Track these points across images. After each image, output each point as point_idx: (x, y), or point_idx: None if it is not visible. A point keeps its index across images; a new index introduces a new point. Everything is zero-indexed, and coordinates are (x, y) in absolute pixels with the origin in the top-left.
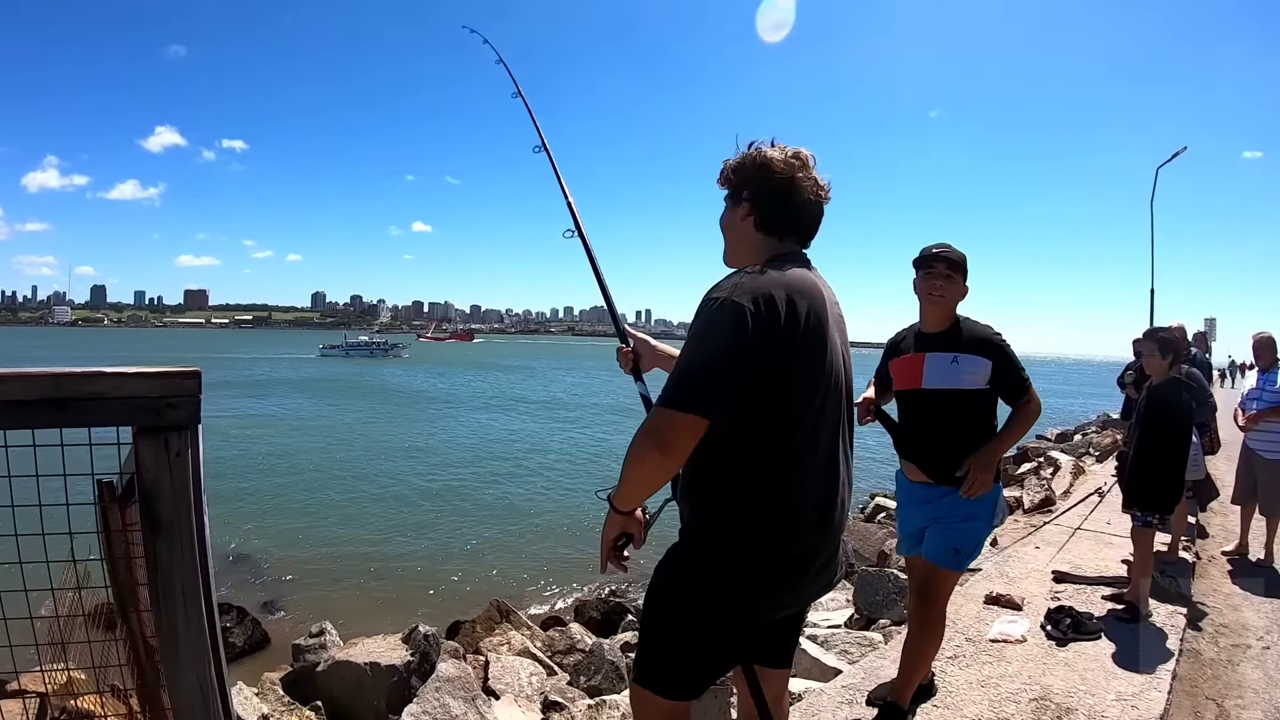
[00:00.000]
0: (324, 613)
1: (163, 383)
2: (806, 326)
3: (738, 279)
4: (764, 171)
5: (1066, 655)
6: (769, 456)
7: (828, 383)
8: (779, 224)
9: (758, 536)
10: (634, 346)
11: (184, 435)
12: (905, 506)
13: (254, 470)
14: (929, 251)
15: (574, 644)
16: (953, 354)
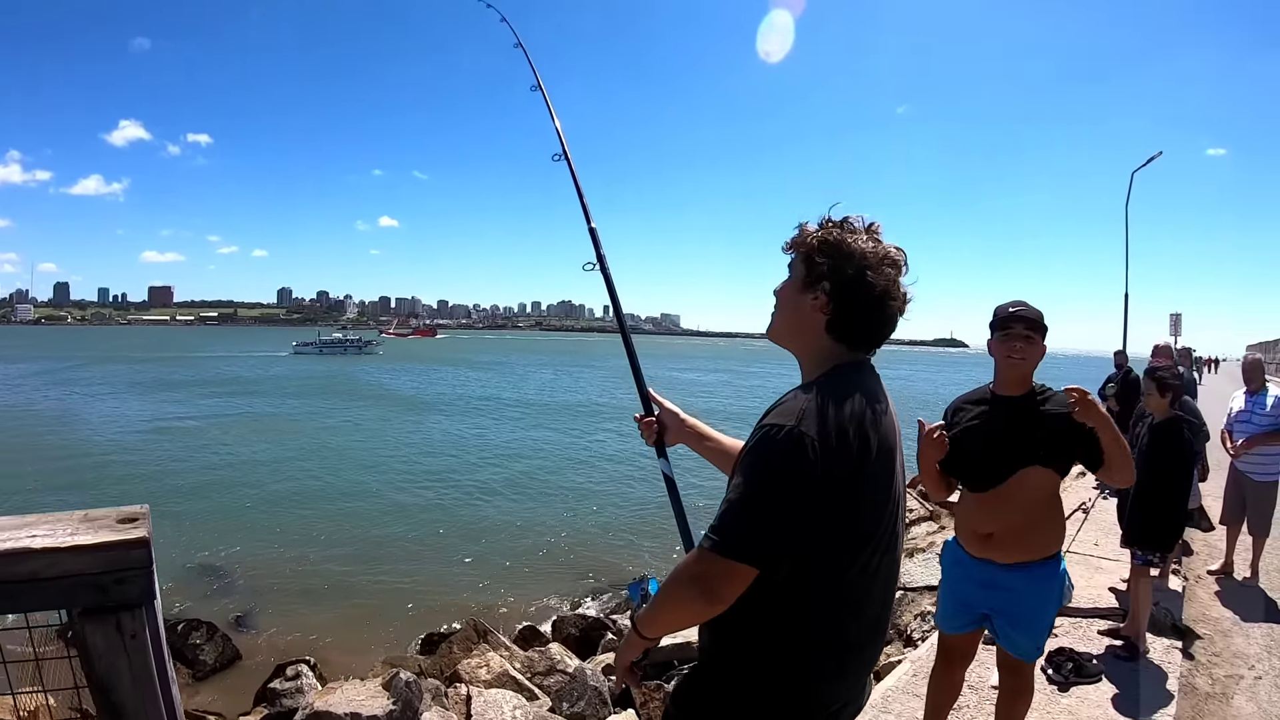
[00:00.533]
0: (295, 628)
1: (106, 556)
2: (877, 463)
3: (805, 404)
4: (857, 272)
5: (1069, 701)
6: (819, 599)
7: (889, 519)
8: (854, 334)
9: (792, 679)
10: (659, 416)
11: (138, 614)
12: (963, 582)
13: (224, 475)
14: (1006, 311)
15: (554, 665)
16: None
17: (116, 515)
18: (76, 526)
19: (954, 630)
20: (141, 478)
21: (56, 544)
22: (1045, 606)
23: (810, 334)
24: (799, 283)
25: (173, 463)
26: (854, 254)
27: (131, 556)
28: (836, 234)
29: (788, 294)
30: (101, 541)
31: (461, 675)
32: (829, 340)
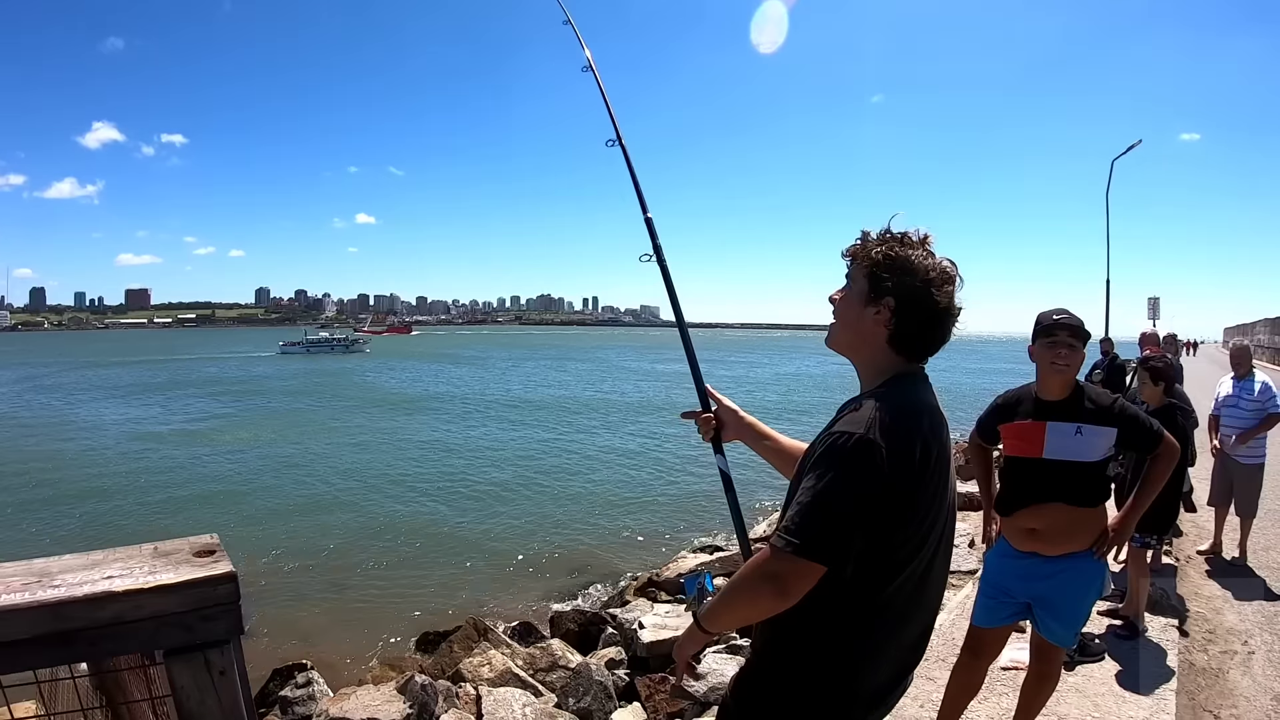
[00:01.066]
0: (288, 631)
1: (193, 594)
2: (935, 471)
3: (872, 413)
4: (922, 288)
5: (1076, 680)
6: (877, 598)
7: (944, 524)
8: (914, 347)
9: (846, 673)
10: (717, 412)
11: (226, 651)
12: (1007, 576)
13: (214, 478)
14: (1050, 319)
15: (556, 661)
16: (1076, 424)
17: (190, 548)
18: (152, 563)
19: (992, 624)
20: (131, 488)
21: (140, 585)
22: (1086, 595)
23: (871, 345)
24: (862, 296)
25: (166, 468)
26: (917, 271)
27: (219, 593)
28: (900, 250)
29: (850, 306)
30: (187, 579)
31: (464, 674)
32: (889, 352)
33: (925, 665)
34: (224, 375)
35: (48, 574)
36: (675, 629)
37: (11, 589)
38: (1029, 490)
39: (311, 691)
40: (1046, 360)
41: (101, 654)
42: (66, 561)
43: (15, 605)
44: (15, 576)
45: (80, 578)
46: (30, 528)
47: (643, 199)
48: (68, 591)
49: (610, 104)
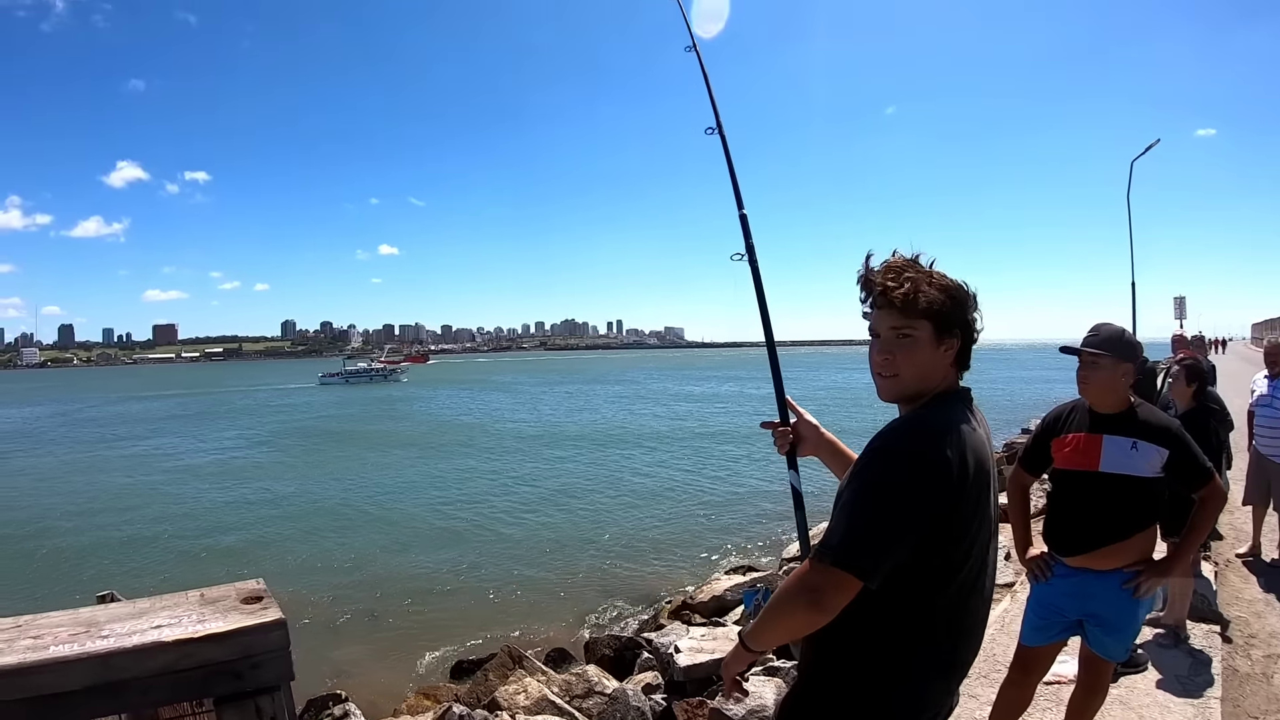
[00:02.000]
0: (321, 661)
1: (243, 642)
2: (976, 484)
3: (914, 429)
4: (968, 305)
5: (1119, 691)
6: (916, 617)
7: (986, 537)
8: (968, 358)
9: (884, 695)
10: (795, 425)
11: (276, 697)
12: (1057, 594)
13: (256, 505)
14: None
15: (591, 687)
16: (1132, 439)
17: (237, 594)
18: (201, 611)
19: (1042, 642)
20: (173, 524)
21: (189, 635)
22: (1139, 609)
23: (940, 374)
24: (931, 340)
25: (206, 503)
26: (959, 295)
27: (269, 640)
28: (943, 282)
29: (920, 353)
30: (237, 628)
31: (500, 703)
32: (953, 372)
33: (967, 683)
34: (270, 404)
35: (95, 624)
36: (712, 652)
37: (60, 640)
38: (1084, 508)
39: None
40: (1078, 380)
41: (151, 703)
42: (114, 610)
43: (65, 657)
44: (63, 627)
45: (129, 627)
46: (72, 571)
47: (739, 193)
48: (117, 642)
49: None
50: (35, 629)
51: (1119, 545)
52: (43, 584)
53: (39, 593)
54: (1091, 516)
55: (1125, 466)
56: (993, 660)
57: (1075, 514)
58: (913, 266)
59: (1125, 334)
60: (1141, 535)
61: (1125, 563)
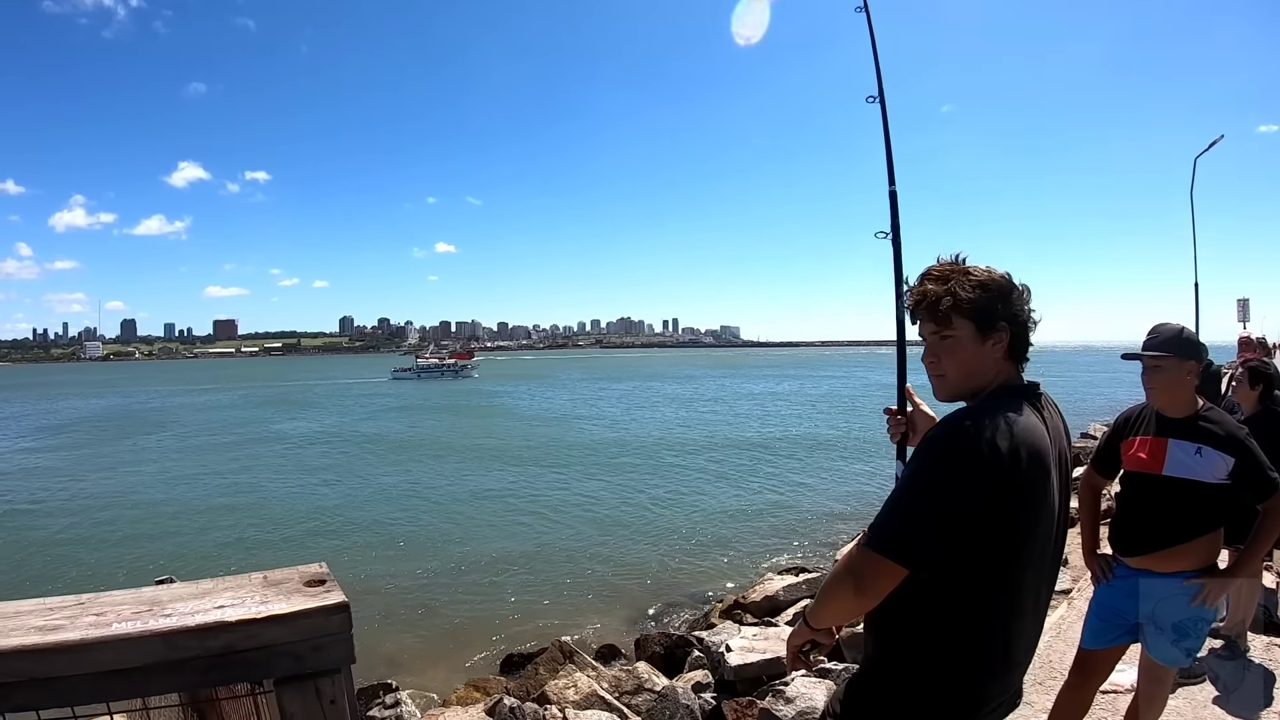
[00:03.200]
0: (374, 651)
1: (304, 624)
2: (1033, 481)
3: (967, 421)
4: (1015, 301)
5: (1176, 703)
6: (969, 611)
7: (1045, 537)
8: (1023, 351)
9: (940, 687)
10: (911, 415)
11: (336, 680)
12: (1118, 596)
13: (322, 495)
14: (1144, 345)
15: (641, 684)
16: (1197, 445)
17: (300, 577)
18: (264, 593)
19: (1103, 645)
20: (241, 513)
21: (252, 615)
22: (1202, 615)
23: (993, 369)
24: (974, 337)
25: (272, 492)
26: (1003, 289)
27: (331, 623)
28: (984, 278)
29: (964, 351)
30: (300, 610)
31: (549, 697)
32: (1010, 366)
33: (1025, 689)
34: (336, 396)
35: (158, 603)
36: (763, 652)
37: (123, 618)
38: (1147, 510)
39: (400, 713)
40: (1144, 386)
41: (211, 682)
42: (176, 590)
43: (127, 635)
44: (125, 605)
45: (191, 607)
46: (135, 554)
47: (891, 168)
48: (179, 621)
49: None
50: (98, 607)
51: (1181, 548)
52: (115, 566)
53: (106, 574)
54: (1154, 519)
55: (1189, 471)
56: (1049, 667)
57: (1138, 516)
58: (950, 269)
59: (1185, 331)
60: (1204, 540)
61: (1187, 567)
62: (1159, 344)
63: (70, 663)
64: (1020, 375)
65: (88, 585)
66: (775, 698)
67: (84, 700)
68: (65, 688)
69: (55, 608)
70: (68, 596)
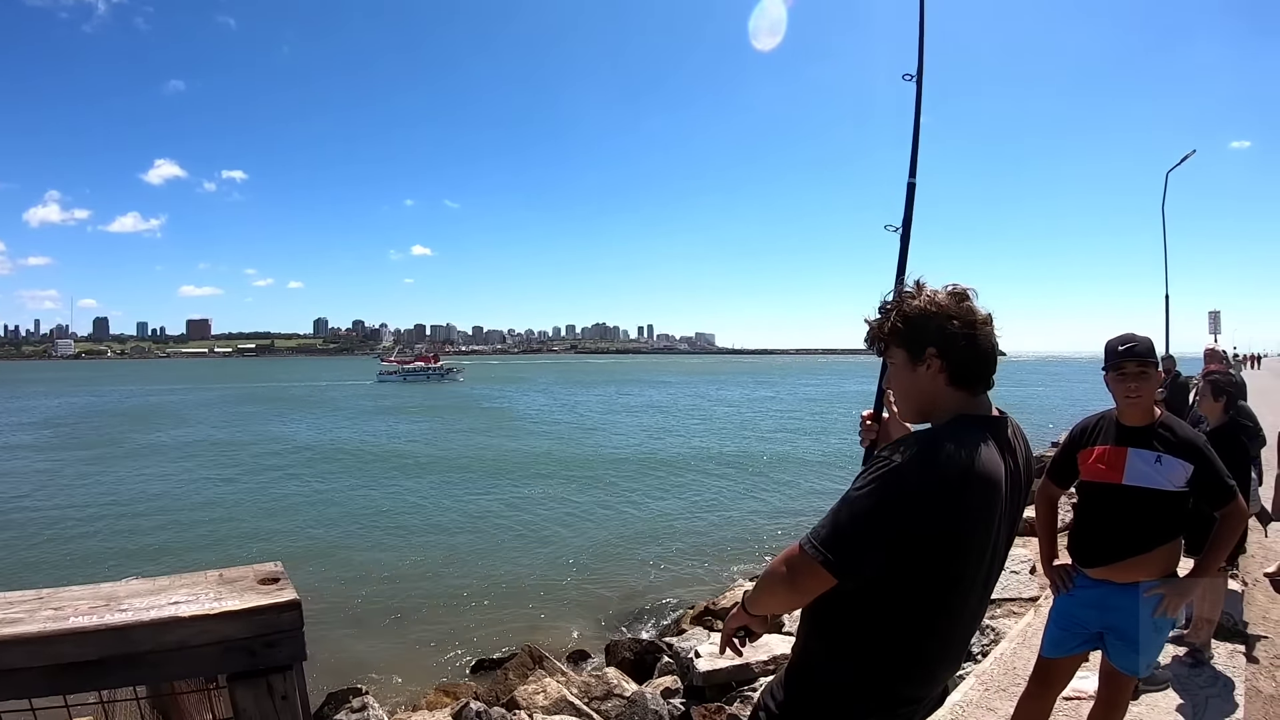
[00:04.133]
0: (344, 654)
1: (257, 620)
2: (975, 508)
3: (914, 444)
4: (946, 320)
5: (1139, 709)
6: (901, 618)
7: (983, 563)
8: (973, 372)
9: (864, 684)
10: (885, 422)
11: (288, 676)
12: (1078, 605)
13: (290, 498)
14: (1116, 350)
15: (611, 689)
16: (1156, 453)
17: (255, 575)
18: (218, 590)
19: (1063, 654)
20: (199, 513)
21: (206, 611)
22: (1162, 624)
23: (936, 396)
24: (906, 363)
25: (235, 493)
26: (935, 312)
27: (283, 620)
28: (909, 306)
29: (902, 378)
30: (252, 606)
31: (519, 702)
32: (954, 392)
33: (985, 695)
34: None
35: (115, 598)
36: (732, 658)
37: (79, 611)
38: (1108, 520)
39: (367, 716)
40: (1120, 394)
41: (166, 677)
42: (133, 586)
43: (83, 628)
44: (83, 600)
45: (147, 603)
46: (94, 552)
47: (915, 158)
48: (135, 616)
49: (925, 31)
50: (57, 601)
51: (1141, 558)
52: (79, 563)
53: (69, 570)
54: (1114, 529)
55: (1149, 480)
56: (1013, 674)
57: (1098, 526)
58: (897, 299)
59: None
60: (1164, 549)
61: (1147, 576)
62: (1145, 351)
63: (28, 655)
64: (984, 403)
65: (48, 581)
66: (743, 703)
67: (41, 692)
68: (23, 680)
69: (14, 601)
70: (27, 591)
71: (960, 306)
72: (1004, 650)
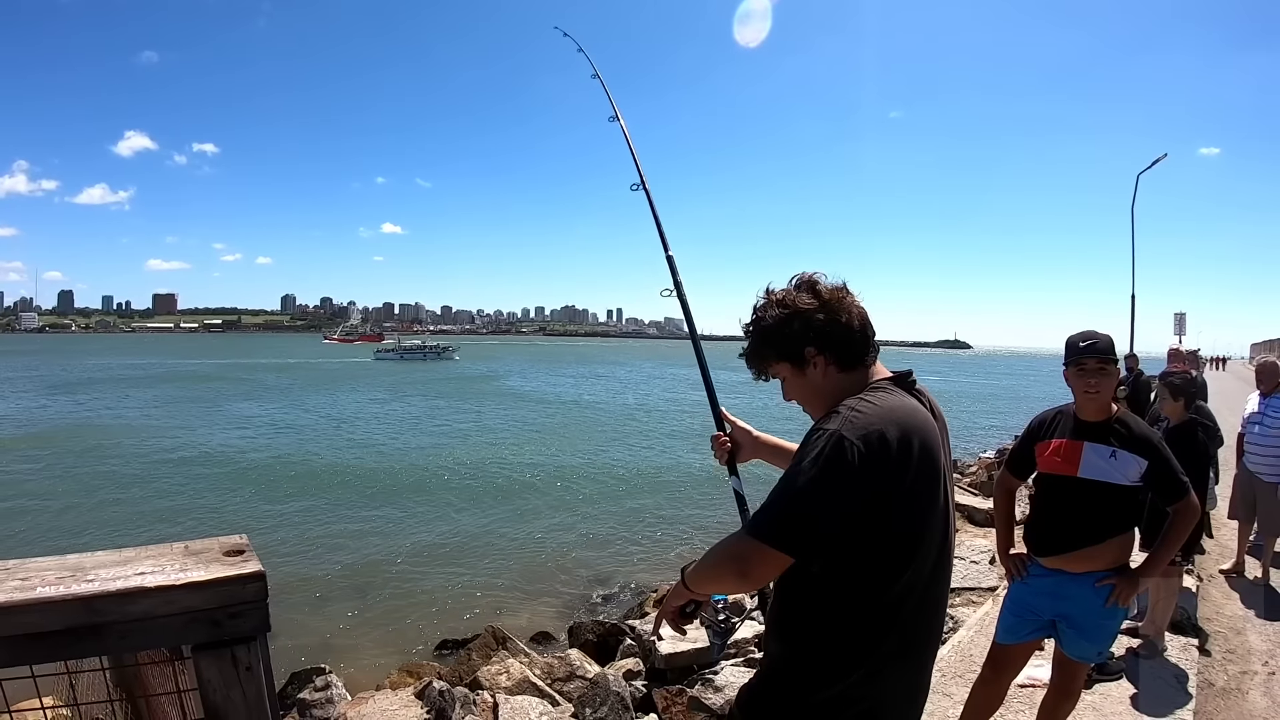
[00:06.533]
0: (306, 634)
1: (221, 591)
2: (918, 469)
3: (848, 413)
4: (808, 316)
5: (1093, 699)
6: (864, 600)
7: (934, 521)
8: (854, 351)
9: (837, 685)
10: (732, 435)
11: (252, 647)
12: (1032, 593)
13: (256, 474)
14: (1078, 346)
15: (574, 671)
16: (1111, 448)
17: (220, 547)
18: (184, 561)
19: (1016, 640)
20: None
21: (171, 582)
22: (1114, 614)
23: (833, 385)
24: (794, 373)
25: (207, 469)
26: (794, 313)
27: (247, 591)
28: (767, 319)
29: (798, 387)
30: (216, 577)
31: (482, 682)
32: (848, 376)
33: (942, 681)
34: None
35: (81, 569)
36: (693, 641)
37: (46, 582)
38: (1062, 512)
39: (330, 695)
40: (1080, 389)
41: (131, 647)
42: (99, 558)
43: (50, 598)
44: (49, 570)
45: (113, 573)
46: (62, 525)
47: (664, 238)
48: (100, 586)
49: (635, 152)
50: (24, 572)
51: (1093, 549)
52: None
53: (30, 546)
54: (1069, 520)
55: (1103, 473)
56: (969, 660)
57: (1053, 517)
58: (750, 324)
59: None
60: (1116, 541)
61: (1099, 566)
62: (1105, 349)
63: None
64: (881, 370)
65: (13, 553)
66: (704, 686)
67: (6, 662)
68: None
69: None
70: None
71: (813, 296)
72: (961, 638)
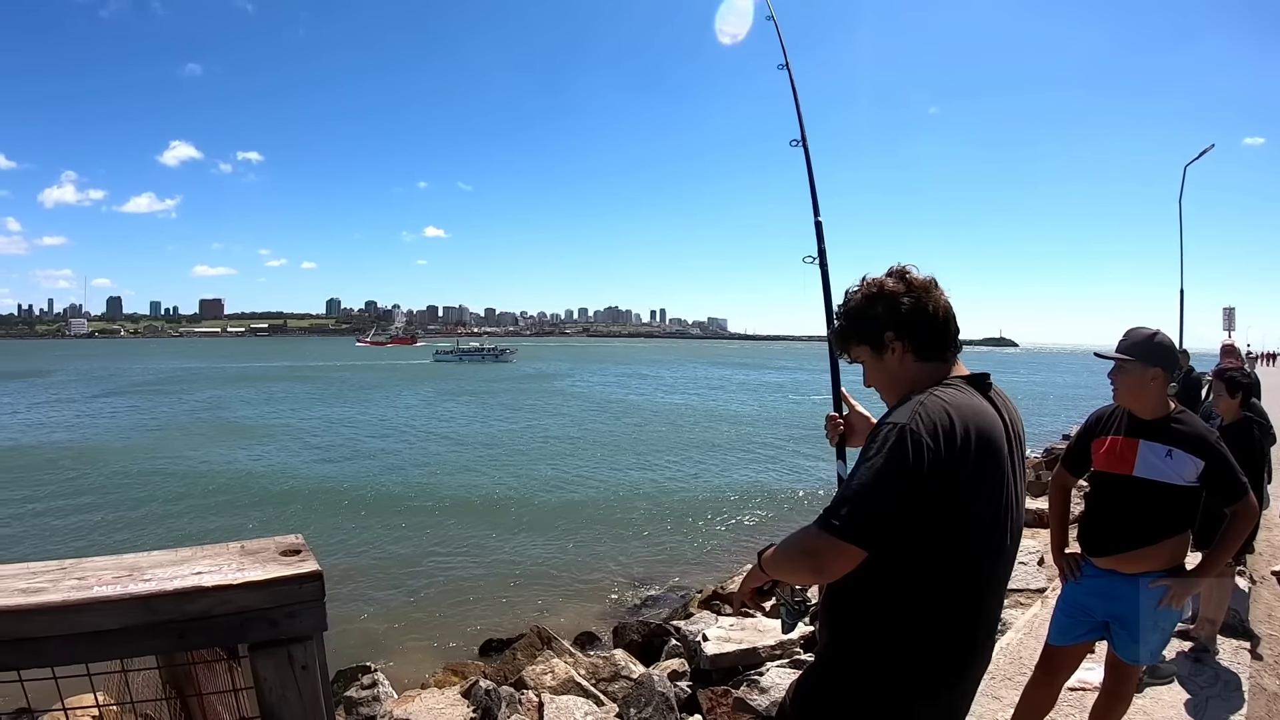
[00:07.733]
0: (352, 633)
1: (278, 591)
2: (984, 465)
3: (915, 407)
4: (896, 304)
5: (1143, 702)
6: (927, 592)
7: (1001, 521)
8: (936, 345)
9: (898, 676)
10: (848, 417)
11: (308, 646)
12: (1085, 594)
13: (311, 474)
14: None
15: (618, 671)
16: (1168, 447)
17: (276, 547)
18: (240, 561)
19: (1068, 641)
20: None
21: (228, 581)
22: (1167, 616)
23: (911, 375)
24: (872, 357)
25: (258, 469)
26: (882, 299)
27: (304, 590)
28: (855, 303)
29: (875, 371)
30: (274, 577)
31: (526, 682)
32: (923, 366)
33: (991, 684)
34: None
35: (138, 568)
36: (739, 642)
37: (103, 582)
38: (1116, 511)
39: (377, 693)
40: (1112, 385)
41: (188, 646)
42: (156, 557)
43: (107, 597)
44: (106, 570)
45: (170, 573)
46: (118, 524)
47: (816, 202)
48: (158, 585)
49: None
50: (80, 571)
51: (1148, 550)
52: (103, 534)
53: (85, 543)
54: (1122, 520)
55: (1159, 473)
56: (1019, 663)
57: (1107, 516)
58: (841, 305)
59: (1156, 337)
60: (1171, 542)
61: (1153, 568)
62: (1125, 347)
63: (51, 624)
64: (959, 367)
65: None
66: (750, 687)
67: (65, 661)
68: (47, 648)
69: (38, 571)
70: (50, 561)
71: (901, 283)
72: (1010, 640)
